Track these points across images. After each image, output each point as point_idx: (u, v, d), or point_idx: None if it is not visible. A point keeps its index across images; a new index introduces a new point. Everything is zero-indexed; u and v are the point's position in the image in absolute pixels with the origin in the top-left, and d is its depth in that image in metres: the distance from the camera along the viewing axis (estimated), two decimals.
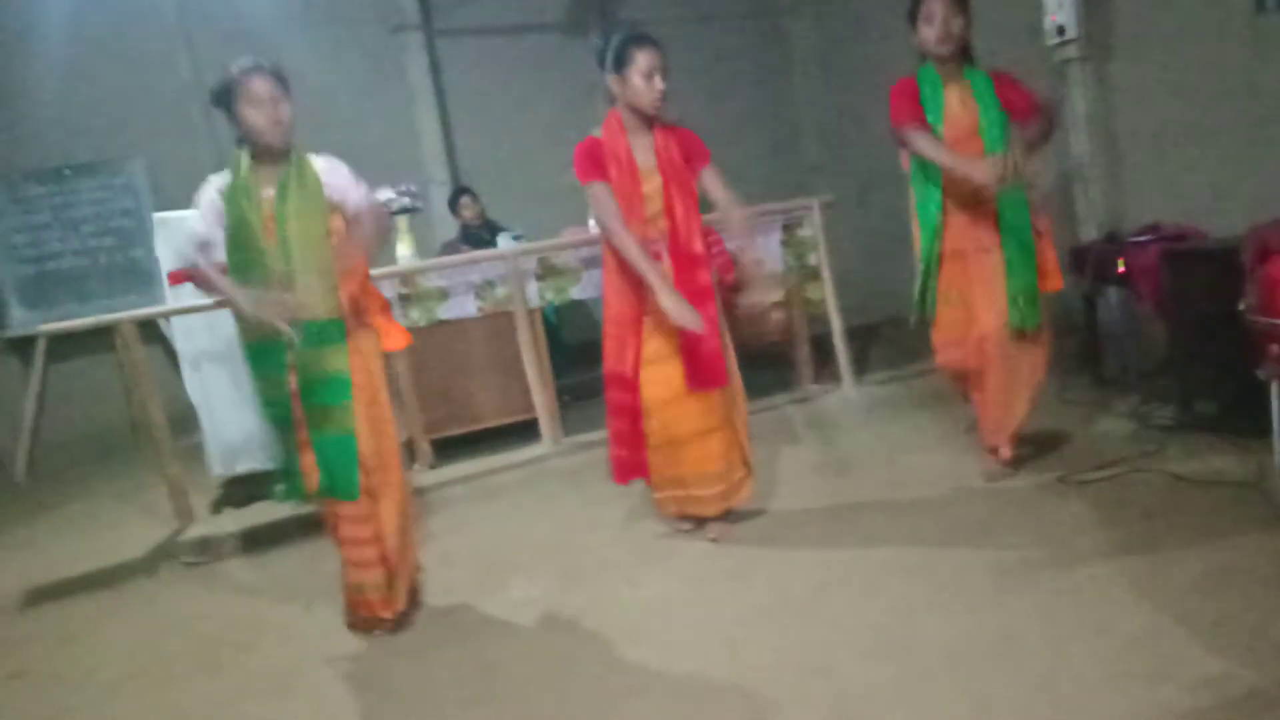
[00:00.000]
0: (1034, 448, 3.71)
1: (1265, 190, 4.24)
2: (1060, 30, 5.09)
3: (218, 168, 2.91)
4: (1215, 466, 3.29)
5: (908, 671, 2.30)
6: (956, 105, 3.38)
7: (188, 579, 3.93)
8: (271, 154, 2.84)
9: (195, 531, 4.31)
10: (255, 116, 2.77)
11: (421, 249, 5.23)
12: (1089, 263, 4.41)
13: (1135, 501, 3.11)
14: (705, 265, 3.24)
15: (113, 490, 5.48)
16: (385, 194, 4.86)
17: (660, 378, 3.26)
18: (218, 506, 4.63)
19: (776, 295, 3.17)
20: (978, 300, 3.41)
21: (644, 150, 3.23)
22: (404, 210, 4.93)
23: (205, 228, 2.81)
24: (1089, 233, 5.17)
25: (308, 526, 4.01)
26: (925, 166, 3.42)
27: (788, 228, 5.28)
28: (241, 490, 4.70)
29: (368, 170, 3.14)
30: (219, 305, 3.60)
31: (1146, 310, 4.23)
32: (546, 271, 4.95)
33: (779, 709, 2.24)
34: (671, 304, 3.04)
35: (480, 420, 5.01)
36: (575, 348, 6.33)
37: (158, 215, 4.87)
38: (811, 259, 5.28)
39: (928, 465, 3.85)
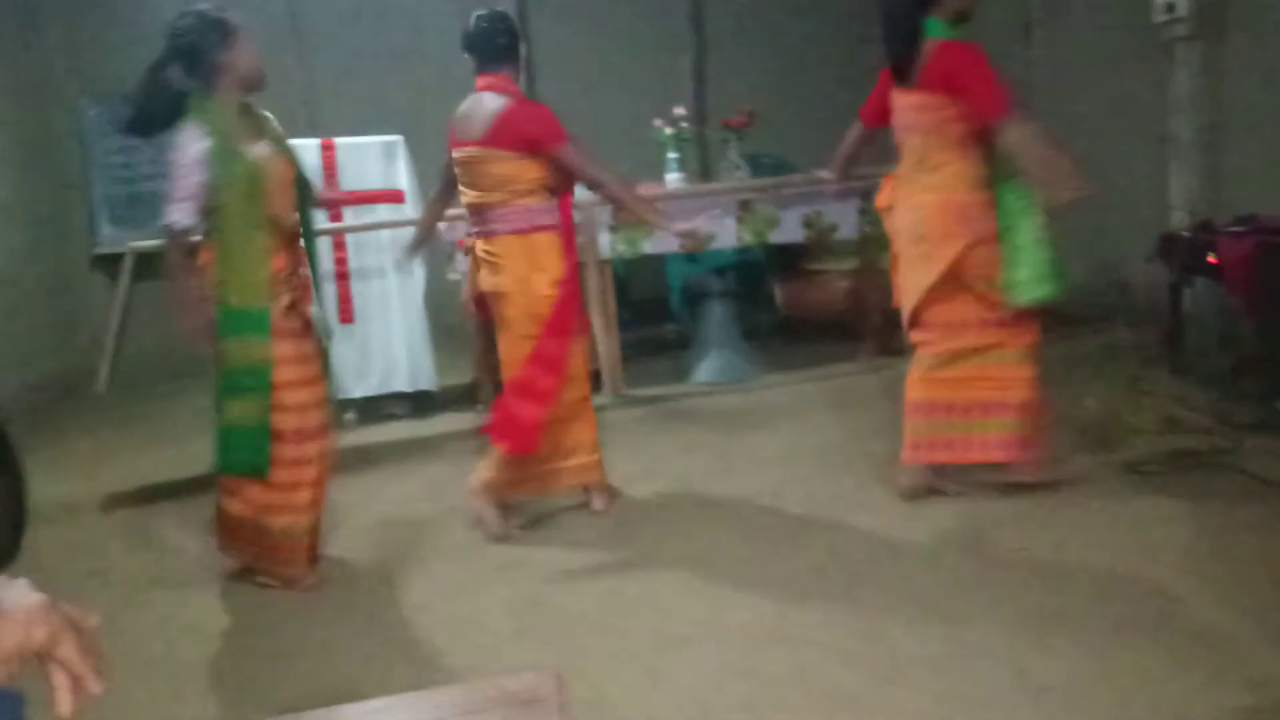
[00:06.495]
0: (1103, 434, 3.64)
1: None
2: (1169, 8, 4.88)
3: (307, 105, 2.90)
4: None
5: (957, 643, 2.30)
6: None
7: None
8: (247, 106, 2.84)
9: None
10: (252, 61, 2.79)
11: None
12: (1178, 250, 4.27)
13: (1207, 498, 3.03)
14: None
15: (190, 406, 5.64)
16: None
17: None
18: None
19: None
20: None
21: None
22: None
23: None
24: (1181, 219, 5.00)
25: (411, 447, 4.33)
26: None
27: (865, 195, 5.17)
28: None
29: (451, 113, 3.15)
30: None
31: (1236, 304, 4.09)
32: (619, 223, 4.94)
33: (826, 666, 2.26)
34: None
35: None
36: (641, 303, 6.32)
37: None
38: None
39: None
